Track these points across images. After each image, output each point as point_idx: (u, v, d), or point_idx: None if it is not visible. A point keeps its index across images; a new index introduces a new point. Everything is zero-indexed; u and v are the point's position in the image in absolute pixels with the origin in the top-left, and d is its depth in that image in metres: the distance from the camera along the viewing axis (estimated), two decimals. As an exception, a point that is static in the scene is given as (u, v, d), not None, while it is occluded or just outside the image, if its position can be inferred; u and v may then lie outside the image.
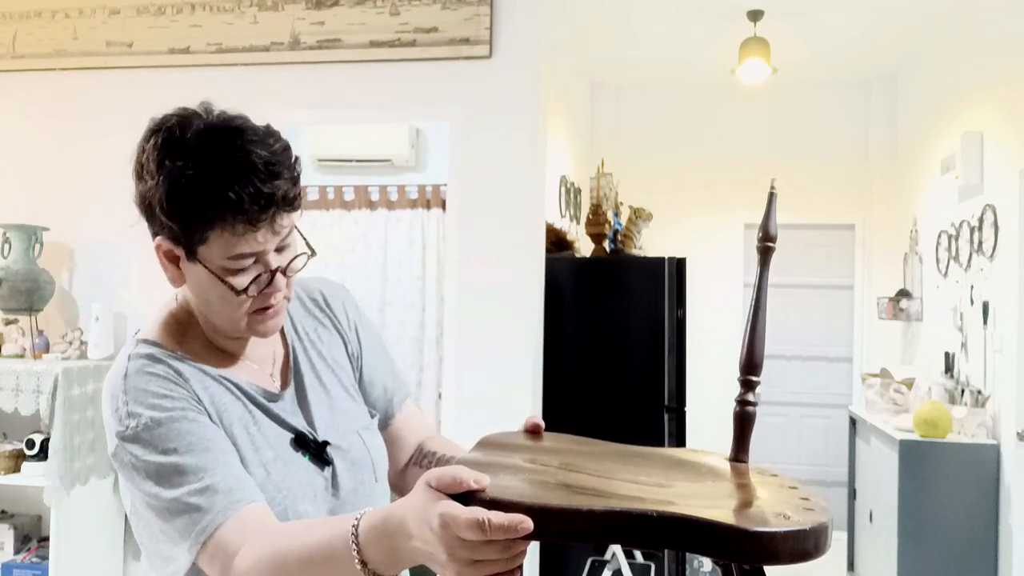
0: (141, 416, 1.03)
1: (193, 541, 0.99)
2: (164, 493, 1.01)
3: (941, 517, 3.77)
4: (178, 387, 1.07)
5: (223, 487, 1.00)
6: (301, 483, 1.12)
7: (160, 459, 1.02)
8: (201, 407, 1.07)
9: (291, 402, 1.17)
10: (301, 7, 3.63)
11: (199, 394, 1.08)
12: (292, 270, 1.12)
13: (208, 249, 1.04)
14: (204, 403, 1.08)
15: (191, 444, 1.02)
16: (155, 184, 1.05)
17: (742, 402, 1.11)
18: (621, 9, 4.53)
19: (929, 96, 4.95)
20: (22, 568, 3.43)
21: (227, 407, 1.10)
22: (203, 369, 1.11)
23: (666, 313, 3.67)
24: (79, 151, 3.80)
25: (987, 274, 3.92)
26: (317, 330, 1.26)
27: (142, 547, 1.11)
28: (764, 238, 1.10)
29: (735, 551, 0.84)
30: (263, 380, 1.16)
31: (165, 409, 1.04)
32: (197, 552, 0.99)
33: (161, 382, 1.06)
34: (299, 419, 1.17)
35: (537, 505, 0.88)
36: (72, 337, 3.59)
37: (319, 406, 1.19)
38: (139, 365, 1.08)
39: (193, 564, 1.01)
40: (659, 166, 5.88)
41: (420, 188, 6.11)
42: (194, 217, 1.02)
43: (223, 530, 0.98)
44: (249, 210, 1.01)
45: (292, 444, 1.13)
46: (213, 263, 1.05)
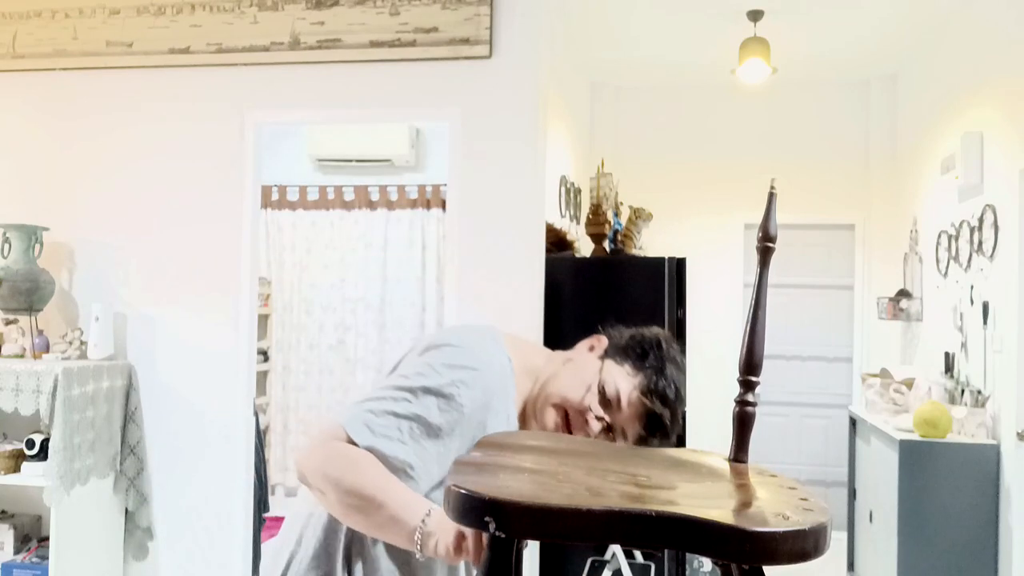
0: (474, 356, 1.32)
1: (375, 440, 1.23)
2: (408, 394, 1.26)
3: (941, 517, 3.77)
4: (496, 385, 1.32)
5: (426, 464, 1.26)
6: None
7: (435, 381, 1.27)
8: (482, 409, 1.31)
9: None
10: (301, 7, 3.63)
11: (503, 400, 1.34)
12: (595, 421, 1.39)
13: (617, 371, 1.41)
14: (497, 408, 1.33)
15: (471, 413, 1.28)
16: (649, 375, 1.40)
17: (742, 402, 1.11)
18: (621, 9, 4.53)
19: (929, 96, 4.95)
20: (22, 568, 3.43)
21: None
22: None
23: (666, 313, 3.67)
24: (79, 151, 3.80)
25: (987, 274, 3.92)
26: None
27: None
28: (764, 238, 1.10)
29: (735, 551, 0.84)
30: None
31: (503, 391, 1.33)
32: (366, 443, 1.23)
33: (497, 371, 1.33)
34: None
35: (537, 505, 0.88)
36: (72, 337, 3.59)
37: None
38: (499, 354, 1.37)
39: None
40: (659, 166, 5.87)
41: (420, 188, 6.11)
42: (641, 357, 1.42)
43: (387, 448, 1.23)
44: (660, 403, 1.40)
45: None
46: (608, 379, 1.40)
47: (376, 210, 6.17)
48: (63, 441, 3.19)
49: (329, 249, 6.19)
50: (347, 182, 6.18)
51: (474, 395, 1.28)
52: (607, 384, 1.36)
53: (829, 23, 4.65)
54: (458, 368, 1.29)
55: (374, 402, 1.26)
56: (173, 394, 3.69)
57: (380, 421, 1.24)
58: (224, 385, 3.66)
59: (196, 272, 3.69)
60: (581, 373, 1.38)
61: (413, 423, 1.25)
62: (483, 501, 0.89)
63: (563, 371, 1.41)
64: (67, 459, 3.21)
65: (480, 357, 1.32)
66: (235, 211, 3.68)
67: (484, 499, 0.89)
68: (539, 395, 1.39)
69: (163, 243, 3.72)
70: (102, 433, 3.45)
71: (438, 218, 6.08)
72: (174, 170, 3.73)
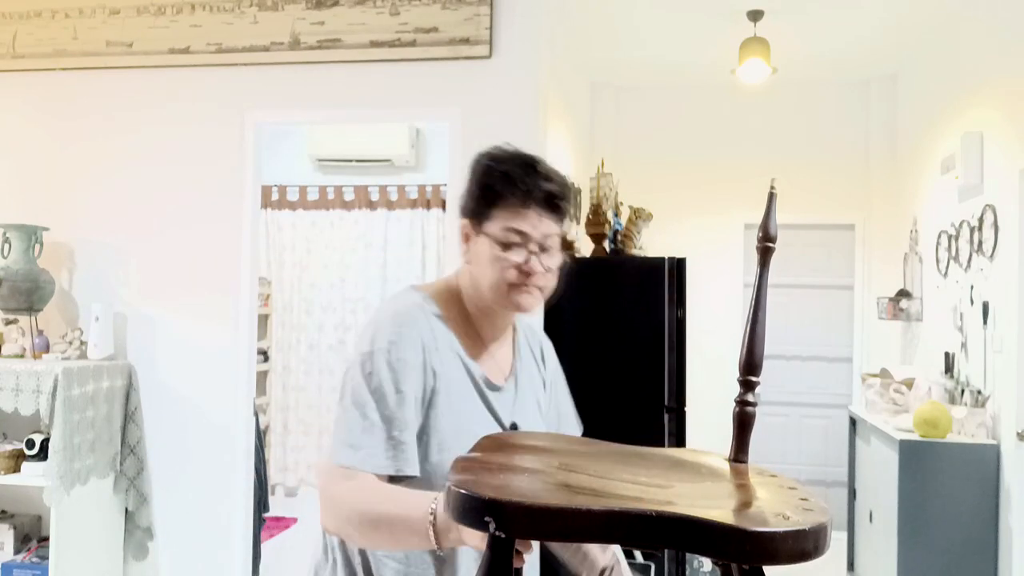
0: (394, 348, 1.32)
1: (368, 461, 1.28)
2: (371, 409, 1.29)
3: (941, 517, 3.77)
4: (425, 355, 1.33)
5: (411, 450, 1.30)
6: None
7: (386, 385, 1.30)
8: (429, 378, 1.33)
9: (509, 397, 1.44)
10: (301, 7, 3.63)
11: (437, 365, 1.34)
12: (548, 263, 1.39)
13: (491, 224, 1.37)
14: (438, 374, 1.34)
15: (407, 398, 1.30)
16: (471, 178, 1.42)
17: (742, 402, 1.11)
18: (621, 9, 4.53)
19: (929, 96, 4.95)
20: (22, 568, 3.43)
21: (457, 384, 1.36)
22: (452, 344, 1.38)
23: (666, 313, 3.67)
24: (79, 151, 3.80)
25: (987, 274, 3.92)
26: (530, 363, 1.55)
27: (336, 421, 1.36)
28: (764, 238, 1.11)
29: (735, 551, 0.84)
30: (492, 372, 1.43)
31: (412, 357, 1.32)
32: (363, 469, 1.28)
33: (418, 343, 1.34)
34: (509, 413, 1.43)
35: (537, 505, 0.88)
36: (72, 337, 3.59)
37: (518, 416, 1.45)
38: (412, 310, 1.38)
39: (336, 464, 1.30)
40: (659, 166, 5.87)
41: (420, 188, 6.11)
42: (487, 192, 1.37)
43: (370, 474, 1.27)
44: (525, 192, 1.35)
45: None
46: (492, 234, 1.37)
47: (376, 210, 6.17)
48: (63, 441, 3.19)
49: (329, 249, 6.19)
50: (347, 182, 6.18)
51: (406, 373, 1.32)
52: (509, 238, 1.36)
53: (829, 23, 4.65)
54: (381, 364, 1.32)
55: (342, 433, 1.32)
56: (173, 394, 3.69)
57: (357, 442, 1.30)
58: (224, 385, 3.66)
59: (196, 272, 3.69)
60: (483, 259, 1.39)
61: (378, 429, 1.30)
62: (483, 501, 0.89)
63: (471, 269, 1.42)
64: (67, 459, 3.21)
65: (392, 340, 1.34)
66: (235, 211, 3.68)
67: (484, 499, 0.89)
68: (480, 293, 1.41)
69: (163, 243, 3.72)
70: (102, 433, 3.45)
71: (438, 218, 6.08)
72: (174, 170, 3.73)
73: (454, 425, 1.34)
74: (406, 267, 6.12)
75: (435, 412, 1.34)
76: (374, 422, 1.30)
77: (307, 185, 6.21)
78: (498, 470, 1.01)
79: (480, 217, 1.39)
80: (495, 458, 1.07)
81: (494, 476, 0.97)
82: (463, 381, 1.38)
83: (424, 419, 1.33)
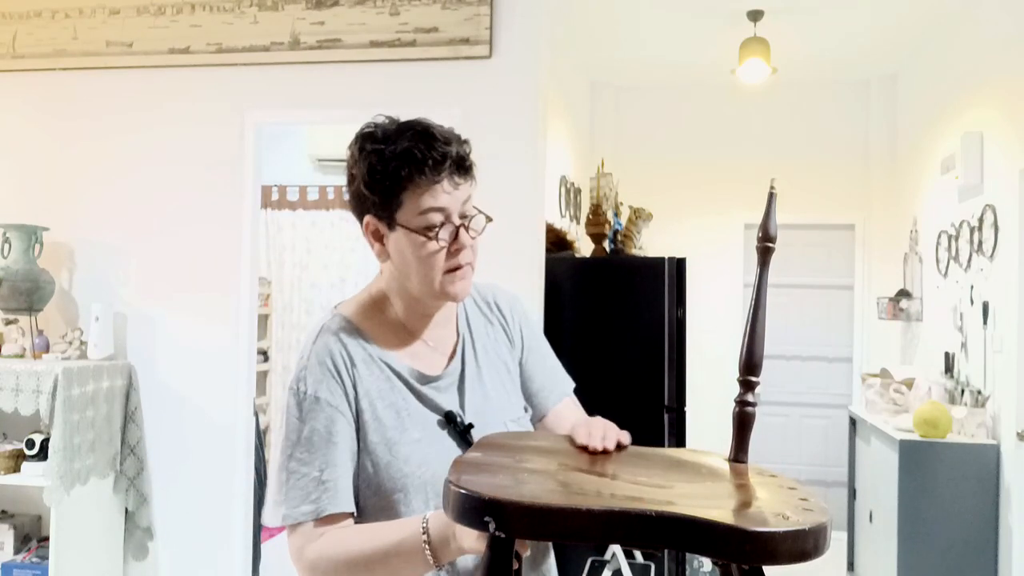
0: (308, 387, 1.26)
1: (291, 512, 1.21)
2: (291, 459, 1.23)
3: (941, 517, 3.77)
4: (341, 380, 1.26)
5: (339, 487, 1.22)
6: (443, 460, 1.19)
7: (304, 429, 1.24)
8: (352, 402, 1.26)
9: (449, 384, 1.33)
10: (301, 7, 3.63)
11: (357, 382, 1.26)
12: (474, 228, 1.28)
13: (403, 212, 1.24)
14: (359, 393, 1.26)
15: (331, 435, 1.23)
16: (358, 171, 1.27)
17: (742, 402, 1.11)
18: (621, 9, 4.53)
19: (929, 96, 4.95)
20: (22, 568, 3.43)
21: (383, 393, 1.28)
22: (372, 352, 1.29)
23: (666, 313, 3.67)
24: (79, 151, 3.80)
25: (987, 274, 3.92)
26: (485, 327, 1.42)
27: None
28: (764, 238, 1.11)
29: (735, 551, 0.84)
30: (425, 364, 1.32)
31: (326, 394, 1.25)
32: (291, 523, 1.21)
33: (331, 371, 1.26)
34: (452, 401, 1.32)
35: (537, 505, 0.88)
36: (72, 337, 3.59)
37: (473, 393, 1.33)
38: (326, 339, 1.29)
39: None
40: (659, 166, 5.87)
41: (420, 188, 6.12)
42: (388, 180, 1.23)
43: (317, 522, 1.20)
44: (430, 163, 1.22)
45: (439, 423, 1.29)
46: (410, 223, 1.24)
47: (376, 210, 6.17)
48: (63, 441, 3.19)
49: (329, 249, 6.19)
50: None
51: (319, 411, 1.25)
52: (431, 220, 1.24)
53: (829, 23, 4.65)
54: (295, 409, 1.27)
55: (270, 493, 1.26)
56: (173, 394, 3.69)
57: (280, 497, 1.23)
58: (224, 385, 3.66)
59: (196, 272, 3.69)
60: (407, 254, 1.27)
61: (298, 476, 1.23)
62: (483, 501, 0.89)
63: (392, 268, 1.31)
64: (67, 459, 3.21)
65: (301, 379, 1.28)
66: (235, 211, 3.68)
67: (484, 499, 0.89)
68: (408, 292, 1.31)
69: (163, 243, 3.72)
70: (102, 433, 3.45)
71: (438, 218, 6.08)
72: (174, 170, 3.73)
73: (384, 436, 1.26)
74: (406, 267, 6.12)
75: (364, 430, 1.26)
76: (297, 471, 1.23)
77: (307, 185, 6.21)
78: (498, 470, 1.01)
79: (387, 210, 1.25)
80: (495, 458, 1.07)
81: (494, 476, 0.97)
82: (389, 388, 1.28)
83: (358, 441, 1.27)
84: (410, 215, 1.24)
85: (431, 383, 1.31)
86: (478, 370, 1.36)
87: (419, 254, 1.25)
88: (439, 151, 1.23)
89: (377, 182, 1.24)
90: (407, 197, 1.23)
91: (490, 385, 1.36)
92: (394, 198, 1.24)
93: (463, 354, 1.36)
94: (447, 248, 1.25)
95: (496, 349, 1.40)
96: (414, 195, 1.23)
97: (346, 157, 1.32)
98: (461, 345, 1.37)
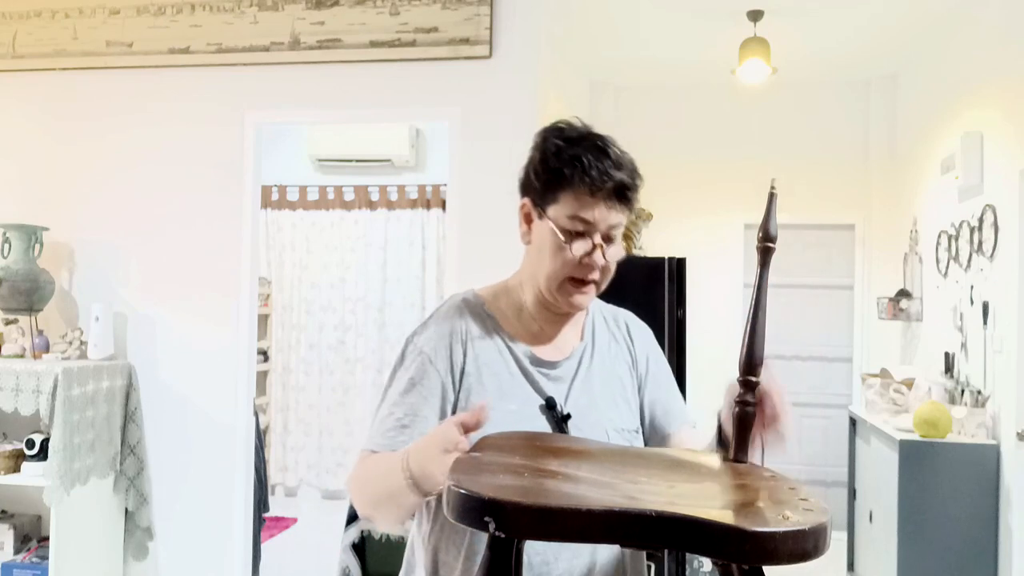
0: (419, 340, 1.38)
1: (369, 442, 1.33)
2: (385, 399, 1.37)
3: (941, 517, 3.76)
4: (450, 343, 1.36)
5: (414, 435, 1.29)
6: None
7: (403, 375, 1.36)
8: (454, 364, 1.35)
9: (559, 376, 1.38)
10: (301, 7, 3.63)
11: (468, 349, 1.36)
12: (611, 255, 1.33)
13: (555, 209, 1.32)
14: (467, 358, 1.35)
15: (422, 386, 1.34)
16: (535, 156, 1.36)
17: (742, 402, 1.11)
18: (621, 9, 4.52)
19: (929, 96, 4.95)
20: (22, 568, 3.43)
21: (491, 363, 1.36)
22: (492, 327, 1.39)
23: (666, 313, 3.67)
24: (79, 151, 3.80)
25: (987, 274, 3.92)
26: (609, 342, 1.47)
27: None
28: (764, 238, 1.11)
29: (735, 551, 0.84)
30: (542, 351, 1.39)
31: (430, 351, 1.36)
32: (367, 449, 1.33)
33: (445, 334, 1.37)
34: (560, 392, 1.37)
35: (537, 505, 0.88)
36: (72, 337, 3.59)
37: (580, 393, 1.38)
38: (452, 307, 1.41)
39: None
40: (659, 166, 5.85)
41: (420, 188, 6.12)
42: (553, 175, 1.31)
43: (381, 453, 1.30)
44: (594, 178, 1.28)
45: (540, 407, 1.35)
46: (557, 221, 1.31)
47: (376, 210, 6.17)
48: (63, 441, 3.19)
49: (329, 249, 6.19)
50: (347, 182, 6.18)
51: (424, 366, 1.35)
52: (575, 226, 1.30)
53: (829, 23, 4.64)
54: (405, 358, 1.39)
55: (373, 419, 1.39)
56: (173, 394, 3.69)
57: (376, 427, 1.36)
58: (224, 385, 3.66)
59: (196, 272, 3.69)
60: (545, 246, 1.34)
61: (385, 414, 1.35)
62: (483, 501, 0.89)
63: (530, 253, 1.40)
64: (67, 459, 3.21)
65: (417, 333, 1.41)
66: (235, 211, 3.68)
67: (484, 499, 0.89)
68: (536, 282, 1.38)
69: (163, 243, 3.72)
70: (102, 433, 3.45)
71: (438, 218, 6.08)
72: (174, 170, 3.73)
73: (482, 394, 1.33)
74: (406, 267, 6.12)
75: (466, 391, 1.34)
76: (388, 409, 1.35)
77: (307, 185, 6.21)
78: (498, 470, 1.00)
79: (544, 200, 1.33)
80: (495, 458, 1.07)
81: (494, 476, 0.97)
82: (500, 361, 1.36)
83: (456, 399, 1.35)
84: (560, 214, 1.31)
85: (543, 368, 1.37)
86: (590, 375, 1.41)
87: (553, 251, 1.32)
88: (606, 171, 1.29)
89: (544, 172, 1.33)
90: (563, 197, 1.30)
91: (599, 392, 1.40)
92: (552, 193, 1.32)
93: (581, 356, 1.42)
94: (577, 259, 1.31)
95: (614, 364, 1.45)
96: (569, 198, 1.30)
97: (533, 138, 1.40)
98: (581, 349, 1.43)
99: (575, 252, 1.30)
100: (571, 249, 1.30)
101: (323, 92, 3.64)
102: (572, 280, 1.33)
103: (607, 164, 1.29)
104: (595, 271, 1.32)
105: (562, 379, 1.38)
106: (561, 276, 1.33)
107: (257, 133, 3.70)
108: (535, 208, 1.36)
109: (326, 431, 6.16)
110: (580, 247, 1.30)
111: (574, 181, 1.29)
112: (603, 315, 1.51)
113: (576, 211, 1.29)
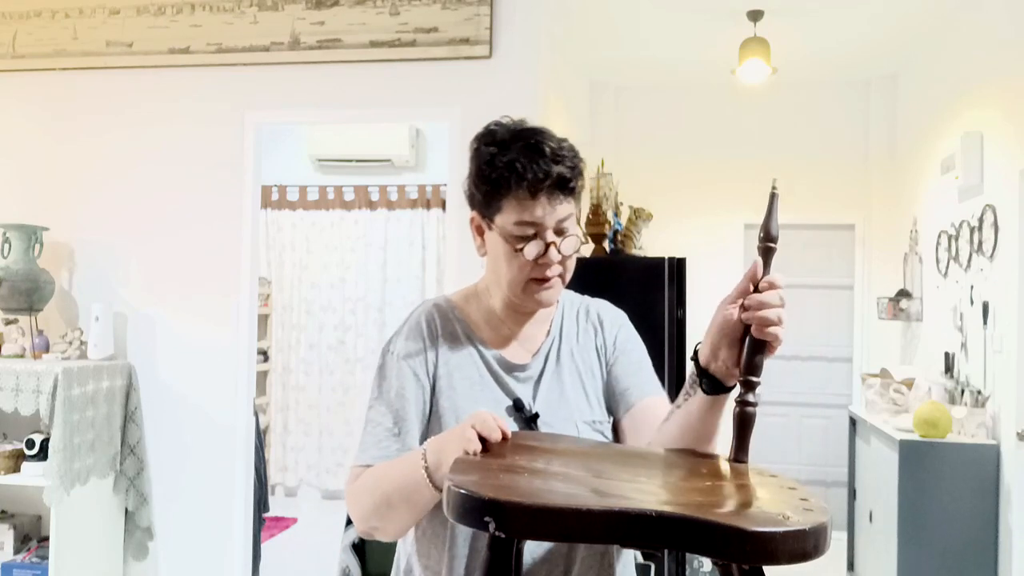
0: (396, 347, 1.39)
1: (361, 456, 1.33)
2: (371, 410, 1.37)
3: (941, 517, 3.76)
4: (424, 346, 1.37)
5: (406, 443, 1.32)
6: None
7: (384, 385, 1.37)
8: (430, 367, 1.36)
9: (528, 376, 1.39)
10: (301, 7, 3.63)
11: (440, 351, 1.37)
12: (565, 248, 1.32)
13: (501, 217, 1.31)
14: (440, 361, 1.37)
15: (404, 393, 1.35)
16: (472, 168, 1.35)
17: (742, 402, 1.11)
18: (621, 9, 4.52)
19: (929, 96, 4.95)
20: (22, 568, 3.43)
21: (462, 366, 1.37)
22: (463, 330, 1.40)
23: (666, 313, 3.67)
24: (79, 151, 3.80)
25: (987, 274, 3.92)
26: (578, 334, 1.46)
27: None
28: (766, 238, 1.11)
29: (735, 551, 0.84)
30: (511, 354, 1.40)
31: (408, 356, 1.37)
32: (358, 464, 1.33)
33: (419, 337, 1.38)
34: (527, 392, 1.38)
35: (537, 505, 0.88)
36: (72, 337, 3.59)
37: (549, 391, 1.39)
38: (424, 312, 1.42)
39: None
40: (659, 166, 5.87)
41: (420, 188, 6.12)
42: (492, 186, 1.30)
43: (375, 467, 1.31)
44: (531, 181, 1.27)
45: (508, 409, 1.35)
46: (505, 230, 1.31)
47: (376, 210, 6.17)
48: (63, 441, 3.19)
49: (329, 249, 6.19)
50: (347, 182, 6.18)
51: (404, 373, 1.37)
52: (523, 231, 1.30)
53: (829, 23, 4.64)
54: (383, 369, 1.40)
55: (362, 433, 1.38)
56: (173, 394, 3.69)
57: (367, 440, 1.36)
58: (224, 385, 3.66)
59: (196, 272, 3.69)
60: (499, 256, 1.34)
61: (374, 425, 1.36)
62: (483, 501, 0.89)
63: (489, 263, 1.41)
64: (67, 459, 3.21)
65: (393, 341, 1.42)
66: (235, 211, 3.68)
67: (484, 499, 0.89)
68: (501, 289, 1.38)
69: (163, 243, 3.72)
70: (102, 433, 3.45)
71: (438, 218, 6.08)
72: (174, 170, 3.73)
73: (454, 403, 1.34)
74: (406, 267, 6.12)
75: (437, 395, 1.36)
76: (375, 420, 1.36)
77: (307, 185, 6.21)
78: (498, 470, 1.00)
79: (489, 211, 1.33)
80: (495, 458, 1.07)
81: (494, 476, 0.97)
82: (471, 364, 1.37)
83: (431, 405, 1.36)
84: (506, 222, 1.31)
85: (512, 372, 1.38)
86: (558, 369, 1.41)
87: (508, 259, 1.32)
88: (542, 169, 1.27)
89: (483, 183, 1.32)
90: (506, 205, 1.30)
91: (569, 385, 1.40)
92: (495, 203, 1.31)
93: (547, 353, 1.42)
94: (533, 261, 1.30)
95: (584, 355, 1.44)
96: (511, 205, 1.29)
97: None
98: (549, 344, 1.43)
99: (529, 256, 1.30)
100: (524, 254, 1.30)
101: (323, 92, 3.64)
102: (534, 280, 1.33)
103: (542, 162, 1.28)
104: (553, 267, 1.32)
105: (530, 379, 1.39)
106: (521, 280, 1.33)
107: (257, 133, 3.70)
108: (483, 220, 1.36)
109: (326, 431, 6.16)
110: (533, 250, 1.30)
111: (512, 187, 1.28)
112: (573, 306, 1.50)
113: (521, 216, 1.29)
